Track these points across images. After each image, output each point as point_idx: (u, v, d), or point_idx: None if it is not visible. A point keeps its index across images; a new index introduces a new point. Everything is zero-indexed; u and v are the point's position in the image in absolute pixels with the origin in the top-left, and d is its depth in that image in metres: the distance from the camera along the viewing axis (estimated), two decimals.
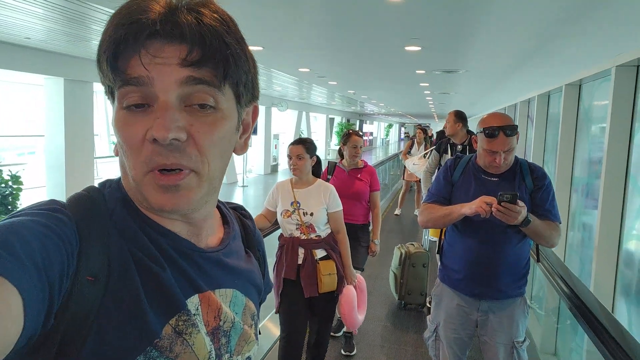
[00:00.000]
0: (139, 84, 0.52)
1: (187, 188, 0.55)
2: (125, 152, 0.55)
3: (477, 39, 4.38)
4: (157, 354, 0.54)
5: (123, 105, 0.54)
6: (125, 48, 0.51)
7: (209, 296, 0.63)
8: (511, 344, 2.02)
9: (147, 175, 0.54)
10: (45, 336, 0.47)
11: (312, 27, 4.39)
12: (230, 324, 0.66)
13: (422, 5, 3.34)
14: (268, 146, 16.33)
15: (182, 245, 0.61)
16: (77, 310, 0.50)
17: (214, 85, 0.54)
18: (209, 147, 0.55)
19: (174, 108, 0.52)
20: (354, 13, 3.66)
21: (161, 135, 0.50)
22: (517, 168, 2.03)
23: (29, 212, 0.51)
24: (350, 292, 2.63)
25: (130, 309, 0.53)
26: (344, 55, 5.97)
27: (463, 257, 2.06)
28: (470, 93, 10.36)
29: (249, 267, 0.73)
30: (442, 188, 2.13)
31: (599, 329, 1.62)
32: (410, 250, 4.19)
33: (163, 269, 0.57)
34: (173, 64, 0.52)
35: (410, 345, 3.55)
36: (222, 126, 0.56)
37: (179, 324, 0.57)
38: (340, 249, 2.62)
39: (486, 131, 1.94)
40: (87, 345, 0.50)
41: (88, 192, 0.60)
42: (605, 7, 2.84)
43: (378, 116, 30.79)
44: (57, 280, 0.47)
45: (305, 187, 2.57)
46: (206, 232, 0.65)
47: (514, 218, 1.78)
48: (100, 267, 0.53)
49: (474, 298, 2.07)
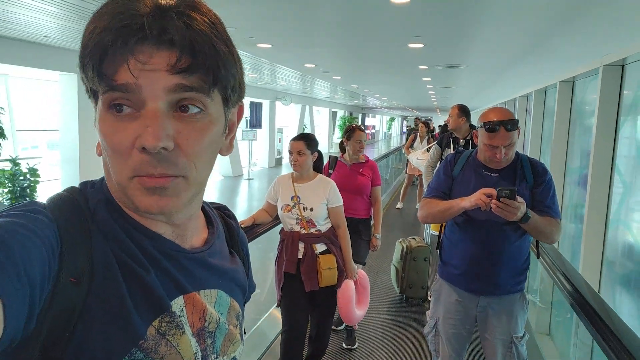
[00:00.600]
0: (126, 91, 0.50)
1: (174, 191, 0.54)
2: (109, 156, 0.54)
3: (477, 36, 4.48)
4: (143, 356, 0.54)
5: (108, 109, 0.52)
6: (113, 54, 0.49)
7: (194, 297, 0.62)
8: (510, 340, 2.01)
9: (133, 180, 0.53)
10: (27, 338, 0.47)
11: (319, 26, 4.51)
12: (216, 324, 0.65)
13: (425, 7, 3.47)
14: (272, 140, 16.32)
15: (166, 247, 0.60)
16: (60, 312, 0.49)
17: (203, 91, 0.53)
18: (198, 153, 0.55)
19: (162, 116, 0.51)
20: (361, 13, 3.77)
21: (151, 145, 0.49)
22: (518, 163, 2.01)
23: (9, 213, 0.50)
24: (348, 287, 2.62)
25: (114, 310, 0.53)
26: (349, 51, 6.07)
27: (462, 253, 2.05)
28: (471, 87, 10.35)
29: (233, 267, 0.72)
30: (442, 183, 2.11)
31: (601, 325, 1.61)
32: (411, 244, 4.19)
33: (147, 270, 0.57)
34: (162, 70, 0.50)
35: (411, 338, 3.57)
36: (210, 131, 0.56)
37: (162, 325, 0.57)
38: (341, 244, 2.61)
39: (487, 126, 1.91)
40: (71, 346, 0.49)
41: (69, 193, 0.59)
42: (594, 9, 2.95)
43: (380, 109, 30.78)
44: (39, 282, 0.46)
45: (306, 182, 2.56)
46: (190, 232, 0.65)
47: (512, 214, 1.77)
48: (82, 268, 0.52)
49: (473, 294, 2.06)
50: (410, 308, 4.15)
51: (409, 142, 8.19)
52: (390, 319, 3.95)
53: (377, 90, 14.45)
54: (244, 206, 10.30)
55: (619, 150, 3.90)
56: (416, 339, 3.54)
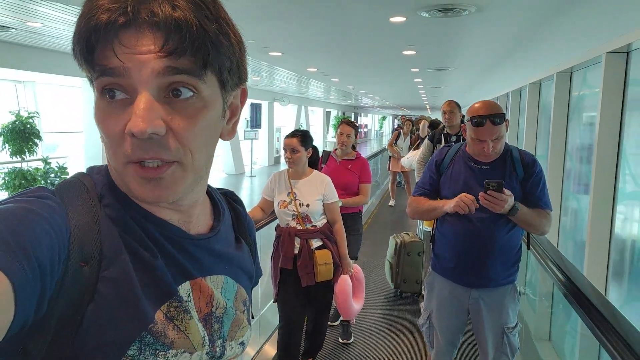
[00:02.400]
0: (116, 75, 0.49)
1: (171, 180, 0.53)
2: (105, 142, 0.53)
3: (466, 41, 4.70)
4: (153, 340, 0.53)
5: (101, 95, 0.51)
6: (97, 39, 0.48)
7: (200, 283, 0.62)
8: (502, 330, 2.01)
9: (128, 166, 0.52)
10: (40, 322, 0.47)
11: (324, 36, 4.87)
12: (223, 310, 0.65)
13: (419, 25, 3.91)
14: (271, 139, 16.79)
15: (172, 233, 0.60)
16: (71, 296, 0.49)
17: (194, 74, 0.51)
18: (191, 138, 0.53)
19: (152, 100, 0.50)
20: (363, 27, 4.20)
21: (138, 131, 0.48)
22: (508, 156, 1.98)
23: (18, 199, 0.50)
24: (345, 282, 2.59)
25: (124, 294, 0.52)
26: (348, 57, 6.49)
27: (454, 247, 2.03)
28: (461, 85, 10.47)
29: (239, 253, 0.72)
30: (429, 180, 2.11)
31: (593, 312, 1.59)
32: (405, 239, 4.15)
33: (154, 255, 0.56)
34: (150, 53, 0.48)
35: (406, 332, 3.54)
36: (204, 116, 0.53)
37: (170, 310, 0.56)
38: (337, 239, 2.58)
39: (473, 120, 1.90)
40: (82, 330, 0.49)
41: (77, 178, 0.58)
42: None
43: (373, 109, 31.23)
44: (49, 267, 0.46)
45: (302, 179, 2.53)
46: (196, 218, 0.64)
47: (500, 206, 1.78)
48: (92, 252, 0.51)
49: (465, 286, 2.04)
50: (405, 302, 4.12)
51: (393, 139, 8.08)
52: (385, 313, 3.92)
53: (371, 90, 14.85)
54: (246, 201, 10.31)
55: (625, 144, 3.63)
56: (411, 333, 3.52)
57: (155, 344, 0.54)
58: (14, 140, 6.32)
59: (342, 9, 3.53)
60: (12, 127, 6.34)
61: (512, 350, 2.01)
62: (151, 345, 0.53)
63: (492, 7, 3.25)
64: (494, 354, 2.03)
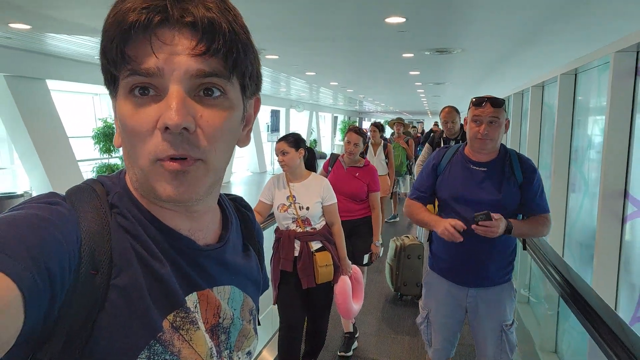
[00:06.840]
0: (148, 75, 0.48)
1: (194, 176, 0.51)
2: (130, 141, 0.51)
3: (456, 67, 5.34)
4: (162, 349, 0.52)
5: (129, 93, 0.49)
6: (136, 35, 0.47)
7: (208, 294, 0.60)
8: (500, 328, 1.96)
9: (155, 164, 0.50)
10: (50, 331, 0.45)
11: (349, 63, 5.53)
12: (230, 320, 0.63)
13: (422, 58, 4.66)
14: None
15: (182, 244, 0.57)
16: (82, 304, 0.47)
17: (223, 76, 0.50)
18: (217, 136, 0.52)
19: (184, 96, 0.49)
20: (381, 60, 4.90)
21: (173, 124, 0.47)
22: (507, 158, 1.91)
23: (29, 205, 0.48)
24: (345, 283, 2.52)
25: (134, 302, 0.51)
26: (365, 76, 7.04)
27: (451, 247, 1.94)
28: (462, 83, 9.89)
29: (246, 262, 0.69)
30: (424, 183, 2.04)
31: (590, 313, 1.56)
32: (405, 242, 4.01)
33: (163, 264, 0.54)
34: (183, 53, 0.48)
35: (407, 334, 3.41)
36: (230, 116, 0.53)
37: (177, 320, 0.55)
38: (336, 241, 2.50)
39: (474, 100, 1.87)
40: (93, 338, 0.48)
41: (87, 184, 0.56)
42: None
43: (376, 113, 31.37)
44: (59, 275, 0.44)
45: (300, 181, 2.44)
46: (206, 228, 0.61)
47: (494, 232, 1.76)
48: (102, 260, 0.50)
49: (462, 285, 1.99)
50: (405, 305, 3.99)
51: None
52: (385, 316, 3.78)
53: (378, 98, 15.23)
54: None
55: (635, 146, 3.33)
56: (412, 335, 3.38)
57: (164, 354, 0.52)
58: (104, 142, 7.47)
59: (368, 51, 5.03)
60: (103, 131, 7.53)
61: (510, 347, 1.97)
62: (160, 354, 0.52)
63: (472, 49, 4.72)
64: (493, 351, 1.98)
